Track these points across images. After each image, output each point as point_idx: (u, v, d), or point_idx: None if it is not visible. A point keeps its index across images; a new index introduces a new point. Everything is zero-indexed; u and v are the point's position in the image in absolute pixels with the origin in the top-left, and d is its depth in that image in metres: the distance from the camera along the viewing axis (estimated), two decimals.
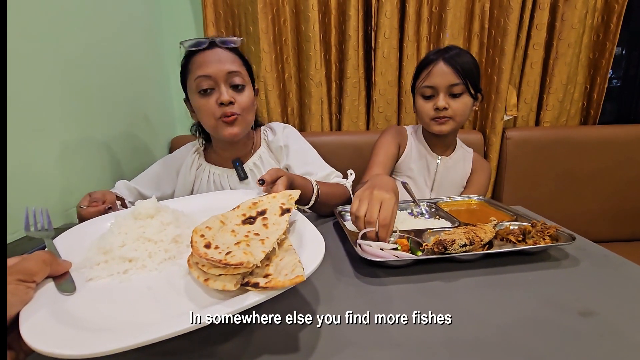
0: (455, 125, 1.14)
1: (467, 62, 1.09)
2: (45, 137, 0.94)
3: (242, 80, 0.98)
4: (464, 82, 1.08)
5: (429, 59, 1.13)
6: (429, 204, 0.90)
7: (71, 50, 1.03)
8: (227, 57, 0.97)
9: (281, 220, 0.51)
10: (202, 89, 0.96)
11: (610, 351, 0.42)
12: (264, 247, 0.43)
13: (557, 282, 0.58)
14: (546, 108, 1.67)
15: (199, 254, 0.41)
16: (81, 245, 0.52)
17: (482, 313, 0.50)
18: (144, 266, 0.47)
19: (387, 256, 0.60)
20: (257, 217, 0.52)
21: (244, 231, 0.48)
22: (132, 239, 0.50)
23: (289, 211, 0.53)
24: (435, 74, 1.10)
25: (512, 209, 0.84)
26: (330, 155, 1.49)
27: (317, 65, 1.57)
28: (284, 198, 0.56)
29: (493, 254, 0.64)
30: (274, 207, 0.54)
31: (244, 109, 0.99)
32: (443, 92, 1.10)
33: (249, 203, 0.55)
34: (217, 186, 1.09)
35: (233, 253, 0.41)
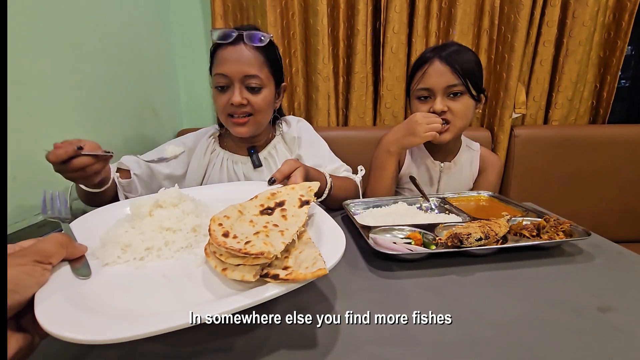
0: (455, 131, 1.04)
1: (467, 60, 1.00)
2: (53, 128, 0.94)
3: (259, 83, 0.98)
4: (464, 82, 0.98)
5: (424, 58, 1.04)
6: (438, 199, 0.89)
7: (81, 45, 1.03)
8: (248, 57, 0.96)
9: (300, 212, 0.50)
10: (219, 86, 0.98)
11: (624, 348, 0.41)
12: (284, 238, 0.42)
13: (572, 278, 0.57)
14: (555, 106, 1.65)
15: (218, 242, 0.40)
16: (98, 229, 0.51)
17: (499, 309, 0.49)
18: (160, 254, 0.46)
19: (400, 249, 0.59)
20: (275, 208, 0.51)
21: (262, 222, 0.47)
22: (150, 228, 0.49)
23: (308, 203, 0.52)
24: (431, 75, 1.00)
25: (522, 204, 0.84)
26: (337, 151, 1.48)
27: (325, 60, 1.56)
28: (303, 190, 0.55)
29: (507, 249, 0.63)
30: (292, 199, 0.53)
31: (257, 110, 0.99)
32: (440, 94, 1.00)
33: (268, 194, 0.54)
34: (230, 172, 1.09)
35: (253, 242, 0.40)
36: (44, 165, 0.89)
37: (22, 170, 0.84)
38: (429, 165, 1.16)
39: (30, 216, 0.86)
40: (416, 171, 1.17)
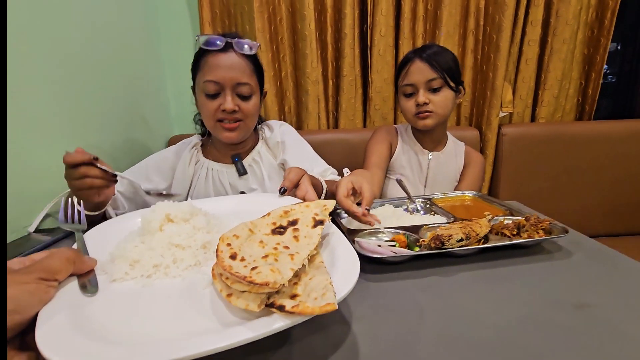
0: (438, 118, 1.16)
1: (444, 57, 1.12)
2: (43, 138, 0.94)
3: (250, 91, 0.99)
4: (442, 75, 1.11)
5: (406, 59, 1.16)
6: (423, 201, 0.91)
7: (68, 50, 1.03)
8: (239, 64, 0.96)
9: (313, 233, 0.47)
10: (209, 93, 0.97)
11: (605, 343, 0.43)
12: (293, 263, 0.40)
13: (551, 275, 0.59)
14: (542, 104, 1.68)
15: (224, 266, 0.39)
16: (111, 241, 0.51)
17: (481, 308, 0.50)
18: (168, 272, 0.45)
19: (384, 252, 0.61)
20: (287, 227, 0.49)
21: (272, 242, 0.45)
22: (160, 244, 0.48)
23: (322, 223, 0.49)
24: (413, 72, 1.13)
25: (506, 203, 0.86)
26: (328, 153, 1.50)
27: (313, 64, 1.58)
28: (318, 208, 0.53)
29: (489, 248, 0.65)
30: (306, 218, 0.50)
31: (247, 116, 1.01)
32: (422, 88, 1.13)
33: (280, 211, 0.52)
34: (216, 182, 1.10)
35: (259, 269, 0.38)
36: (33, 178, 0.90)
37: (15, 184, 0.84)
38: (418, 153, 1.26)
39: (20, 228, 0.86)
40: (406, 158, 1.27)
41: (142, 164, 1.11)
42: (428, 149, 1.26)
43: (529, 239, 0.64)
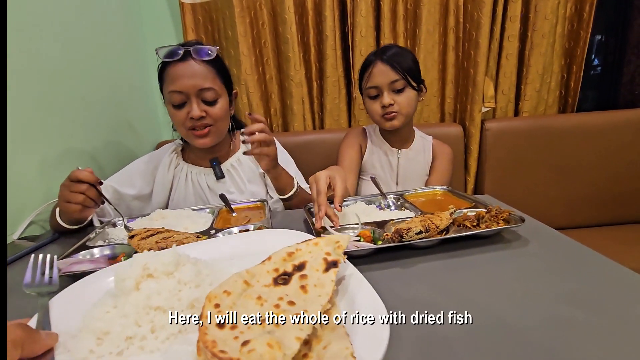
0: (404, 118, 1.19)
1: (402, 55, 1.15)
2: (28, 146, 0.97)
3: (214, 95, 1.01)
4: (404, 76, 1.14)
5: (368, 61, 1.19)
6: (395, 197, 0.93)
7: (51, 58, 1.06)
8: (200, 71, 0.98)
9: (325, 279, 0.38)
10: (175, 104, 1.00)
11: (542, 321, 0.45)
12: (300, 330, 0.32)
13: (505, 262, 0.61)
14: (524, 98, 1.70)
15: (205, 342, 0.31)
16: (82, 304, 0.42)
17: (437, 296, 0.52)
18: (143, 346, 0.36)
19: (348, 247, 0.63)
20: (293, 274, 0.40)
21: (274, 297, 0.37)
22: (135, 308, 0.39)
23: (335, 265, 0.40)
24: (376, 74, 1.15)
25: (475, 197, 0.87)
26: (314, 154, 1.54)
27: (296, 66, 1.60)
28: (329, 246, 0.44)
29: (449, 240, 0.67)
30: (315, 259, 0.41)
31: (215, 120, 1.02)
32: (386, 89, 1.15)
33: (284, 253, 0.43)
34: (195, 185, 1.12)
35: (253, 344, 0.29)
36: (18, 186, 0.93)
37: None
38: (387, 152, 1.30)
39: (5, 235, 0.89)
40: (377, 158, 1.31)
41: (125, 170, 1.14)
42: (396, 147, 1.30)
43: (486, 229, 0.66)
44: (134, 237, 0.69)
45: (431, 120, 1.75)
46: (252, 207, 0.97)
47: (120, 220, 0.91)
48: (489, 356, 0.40)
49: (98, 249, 0.73)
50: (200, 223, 0.86)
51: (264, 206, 0.94)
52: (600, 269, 0.58)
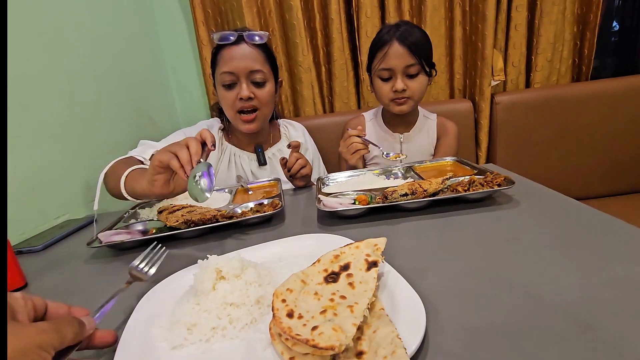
0: (414, 104, 1.18)
1: (419, 38, 1.11)
2: (60, 144, 1.08)
3: (263, 77, 1.07)
4: (419, 61, 1.10)
5: (383, 40, 1.13)
6: (404, 168, 0.97)
7: (71, 62, 1.15)
8: (251, 54, 1.05)
9: (368, 277, 0.44)
10: (226, 84, 1.07)
11: (525, 267, 0.49)
12: (354, 317, 0.38)
13: (493, 220, 0.65)
14: (535, 69, 1.67)
15: (283, 328, 0.37)
16: (165, 302, 0.51)
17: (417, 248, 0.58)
18: (225, 334, 0.43)
19: (340, 207, 0.69)
20: (340, 273, 0.46)
21: (328, 293, 0.43)
22: (214, 305, 0.46)
23: (375, 265, 0.46)
24: (392, 56, 1.11)
25: (484, 166, 0.89)
26: (325, 137, 1.59)
27: (304, 52, 1.65)
28: (369, 248, 0.50)
29: (439, 203, 0.71)
30: (358, 260, 0.47)
31: (263, 104, 1.09)
32: (400, 73, 1.12)
33: (331, 256, 0.50)
34: (238, 168, 1.19)
35: (320, 328, 0.36)
36: (58, 176, 1.04)
37: (39, 181, 0.99)
38: (389, 139, 1.28)
39: (51, 219, 1.01)
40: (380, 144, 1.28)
41: (173, 137, 1.20)
42: (399, 131, 1.28)
43: (473, 192, 0.70)
44: (162, 212, 0.78)
45: (440, 98, 1.75)
46: (266, 185, 1.05)
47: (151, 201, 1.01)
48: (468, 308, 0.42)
49: (132, 225, 0.83)
50: (220, 200, 0.94)
51: (277, 184, 1.02)
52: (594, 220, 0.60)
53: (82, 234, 0.93)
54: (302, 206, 0.88)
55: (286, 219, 0.79)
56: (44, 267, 0.73)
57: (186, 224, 0.73)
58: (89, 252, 0.77)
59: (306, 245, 0.61)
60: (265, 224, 0.77)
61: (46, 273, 0.70)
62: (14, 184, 0.92)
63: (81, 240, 0.84)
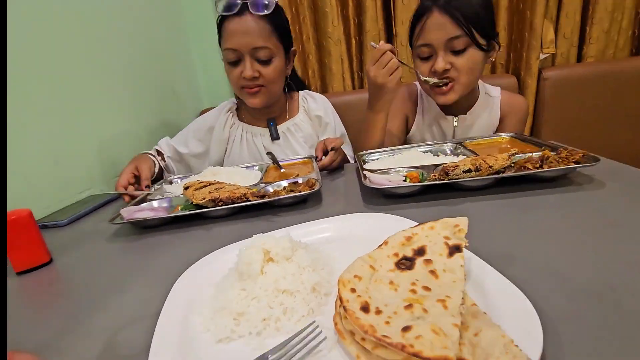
0: (463, 89, 0.94)
1: (469, 3, 0.87)
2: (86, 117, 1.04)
3: (269, 54, 0.98)
4: (467, 31, 0.86)
5: (422, 8, 0.92)
6: (453, 145, 0.88)
7: (98, 33, 1.10)
8: (255, 27, 0.95)
9: (453, 264, 0.36)
10: (230, 61, 0.99)
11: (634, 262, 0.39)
12: (452, 316, 0.29)
13: (579, 202, 0.55)
14: (589, 41, 1.52)
15: (362, 326, 0.29)
16: (203, 284, 0.44)
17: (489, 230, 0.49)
18: (279, 327, 0.36)
19: (390, 184, 0.61)
20: (415, 259, 0.38)
21: (406, 282, 0.35)
22: (264, 291, 0.39)
23: (459, 249, 0.37)
24: (430, 28, 0.89)
25: (546, 142, 0.78)
26: (355, 115, 1.48)
27: (334, 22, 1.54)
28: (447, 230, 0.40)
29: (505, 182, 0.62)
30: (435, 244, 0.39)
31: (268, 81, 1.01)
32: (442, 49, 0.89)
33: (401, 238, 0.41)
34: (251, 144, 1.14)
35: (415, 330, 0.28)
36: (82, 150, 1.00)
37: (62, 154, 0.95)
38: (440, 122, 1.08)
39: (74, 194, 0.97)
40: (427, 129, 1.11)
41: (185, 129, 1.19)
42: (452, 113, 1.06)
43: (549, 169, 0.60)
44: (189, 188, 0.72)
45: None
46: (299, 162, 0.98)
47: (176, 178, 0.97)
48: (584, 308, 0.33)
49: (157, 202, 0.78)
50: (250, 178, 0.87)
51: (311, 161, 0.94)
52: None
53: (107, 209, 0.89)
54: (342, 184, 0.80)
55: (324, 199, 0.71)
56: (68, 242, 0.69)
57: (214, 202, 0.67)
58: (113, 228, 0.72)
59: (356, 225, 0.53)
60: (301, 205, 0.69)
61: (70, 249, 0.65)
62: (37, 156, 0.88)
63: (106, 216, 0.79)
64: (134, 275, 0.52)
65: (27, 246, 0.57)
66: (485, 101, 1.07)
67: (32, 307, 0.49)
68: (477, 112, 1.05)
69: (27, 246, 0.56)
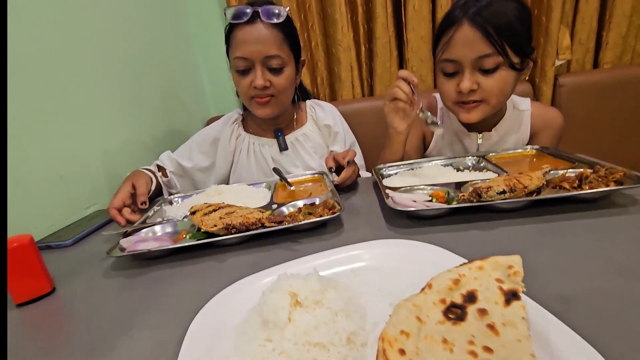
0: (489, 110, 0.86)
1: (504, 15, 0.78)
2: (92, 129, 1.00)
3: (281, 63, 0.95)
4: (500, 49, 0.78)
5: (451, 17, 0.83)
6: (476, 158, 0.83)
7: (106, 46, 1.07)
8: (267, 36, 0.92)
9: (513, 317, 0.30)
10: (239, 69, 0.96)
11: None
12: None
13: (615, 232, 0.50)
14: (606, 47, 1.47)
15: None
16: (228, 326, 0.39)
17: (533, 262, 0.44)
18: None
19: (417, 206, 0.56)
20: (466, 307, 0.33)
21: (461, 340, 0.30)
22: (294, 345, 0.33)
23: (516, 296, 0.32)
24: (458, 43, 0.80)
25: (580, 156, 0.73)
26: (364, 122, 1.45)
27: (344, 29, 1.50)
28: (498, 270, 0.35)
29: (540, 202, 0.58)
30: (487, 288, 0.34)
31: (279, 91, 0.98)
32: (469, 67, 0.81)
33: (447, 281, 0.35)
34: (258, 156, 1.10)
35: None
36: (87, 164, 0.97)
37: (68, 170, 0.91)
38: (463, 139, 1.00)
39: (80, 210, 0.94)
40: (447, 144, 1.03)
41: (188, 142, 1.15)
42: (476, 130, 0.97)
43: (590, 190, 0.56)
44: (196, 212, 0.66)
45: None
46: (310, 179, 0.93)
47: (177, 197, 0.91)
48: None
49: (159, 227, 0.72)
50: (258, 198, 0.83)
51: (322, 178, 0.90)
52: None
53: (114, 225, 0.84)
54: (360, 202, 0.75)
55: (344, 221, 0.66)
56: (72, 267, 0.65)
57: (226, 229, 0.61)
58: None
59: (385, 255, 0.48)
60: (320, 229, 0.64)
61: (74, 276, 0.61)
62: (42, 172, 0.84)
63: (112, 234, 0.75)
64: (142, 312, 0.47)
65: (28, 276, 0.53)
66: (514, 116, 0.98)
67: (32, 347, 0.45)
68: (504, 129, 0.96)
69: (28, 276, 0.52)
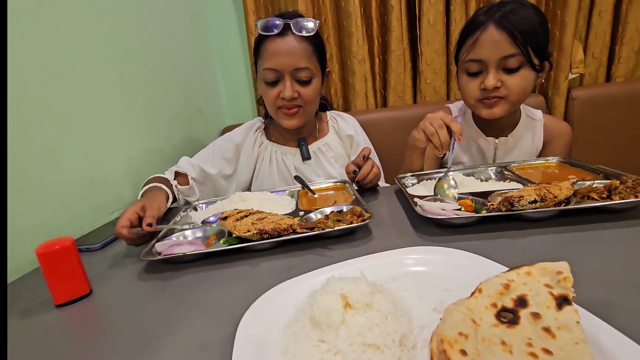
0: (510, 107, 0.91)
1: (528, 20, 0.83)
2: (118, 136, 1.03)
3: (309, 75, 0.97)
4: (523, 51, 0.83)
5: (476, 22, 0.89)
6: (498, 168, 0.84)
7: (131, 55, 1.10)
8: (298, 48, 0.93)
9: (567, 321, 0.31)
10: (268, 81, 0.97)
11: None
12: None
13: None
14: (619, 61, 1.49)
15: None
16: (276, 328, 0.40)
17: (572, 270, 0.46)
18: None
19: (447, 214, 0.57)
20: (518, 311, 0.33)
21: (519, 343, 0.30)
22: (349, 346, 0.33)
23: (568, 301, 0.33)
24: (484, 44, 0.86)
25: (601, 167, 0.74)
26: (377, 132, 1.47)
27: (359, 42, 1.53)
28: (547, 276, 0.36)
29: (569, 212, 0.58)
30: (537, 293, 0.34)
31: (307, 102, 1.00)
32: (494, 67, 0.86)
33: (497, 285, 0.36)
34: (280, 165, 1.11)
35: None
36: (114, 169, 0.99)
37: (97, 175, 0.93)
38: (480, 144, 1.03)
39: (105, 215, 0.95)
40: (465, 150, 1.06)
41: (208, 149, 1.14)
42: (493, 135, 1.01)
43: (621, 200, 0.57)
44: (227, 218, 0.68)
45: None
46: (332, 187, 0.94)
47: (201, 204, 0.93)
48: None
49: (190, 231, 0.73)
50: (284, 205, 0.84)
51: (345, 187, 0.91)
52: None
53: None
54: (385, 210, 0.76)
55: (373, 228, 0.67)
56: (104, 270, 0.66)
57: (260, 235, 0.62)
58: None
59: (420, 261, 0.49)
60: (350, 236, 0.65)
61: (108, 279, 0.62)
62: (74, 176, 0.86)
63: None
64: (184, 313, 0.48)
65: (69, 277, 0.54)
66: (528, 123, 1.03)
67: (77, 347, 0.45)
68: (519, 134, 1.01)
69: (68, 277, 0.54)
